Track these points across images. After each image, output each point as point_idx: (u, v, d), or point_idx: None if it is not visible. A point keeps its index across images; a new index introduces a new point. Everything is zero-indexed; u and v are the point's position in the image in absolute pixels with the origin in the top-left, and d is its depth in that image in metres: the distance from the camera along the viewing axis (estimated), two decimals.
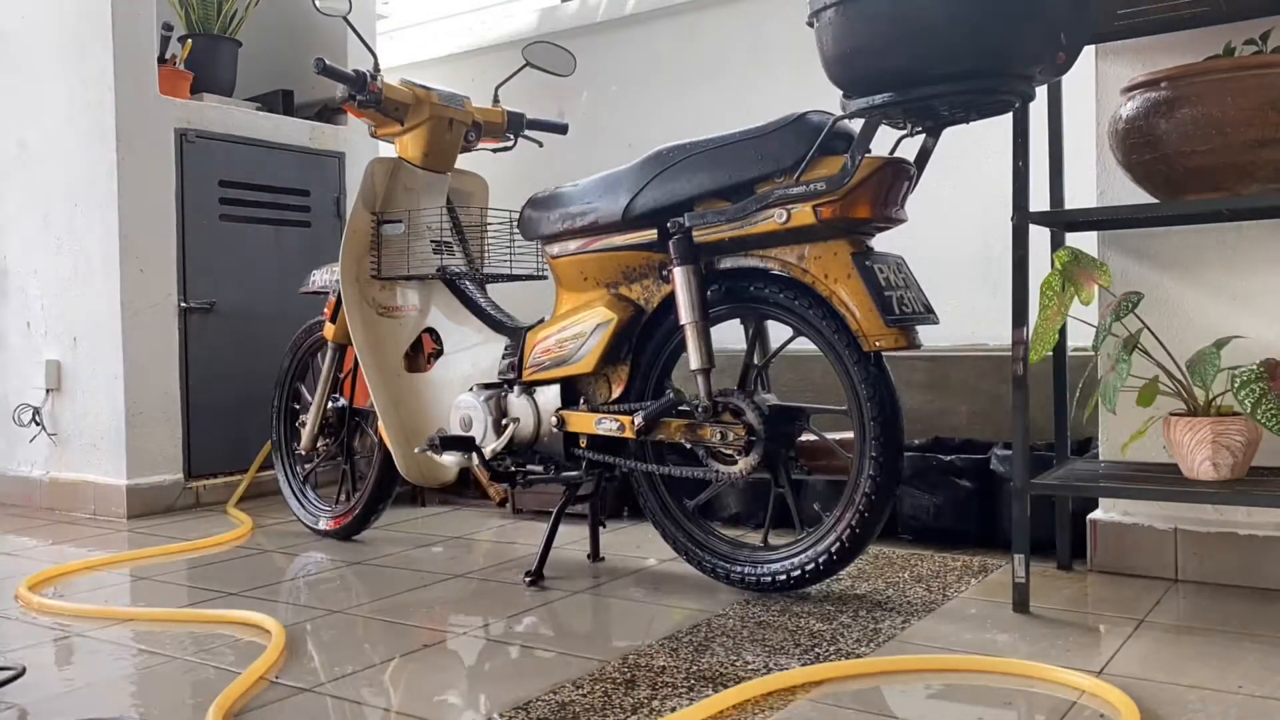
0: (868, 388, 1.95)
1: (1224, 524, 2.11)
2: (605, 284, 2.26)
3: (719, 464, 2.10)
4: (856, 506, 1.97)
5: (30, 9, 3.32)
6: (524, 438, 2.33)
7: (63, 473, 3.31)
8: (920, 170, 2.03)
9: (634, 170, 2.14)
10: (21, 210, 3.40)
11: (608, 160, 3.37)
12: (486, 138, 2.72)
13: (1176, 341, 2.05)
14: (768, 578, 2.07)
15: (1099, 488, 1.97)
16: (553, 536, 2.29)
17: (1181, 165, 1.88)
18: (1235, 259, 2.12)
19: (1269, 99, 1.80)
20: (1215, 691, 1.53)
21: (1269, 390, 1.81)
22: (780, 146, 1.94)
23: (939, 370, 2.75)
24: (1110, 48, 2.22)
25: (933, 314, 1.96)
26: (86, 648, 1.87)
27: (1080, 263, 1.92)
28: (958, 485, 2.45)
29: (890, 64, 1.77)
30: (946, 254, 2.82)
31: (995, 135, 2.70)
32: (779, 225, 1.94)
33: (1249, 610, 1.93)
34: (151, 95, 3.17)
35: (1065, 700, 1.51)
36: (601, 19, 3.45)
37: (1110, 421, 2.22)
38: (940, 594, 2.08)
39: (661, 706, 1.51)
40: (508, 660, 1.76)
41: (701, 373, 2.05)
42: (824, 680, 1.61)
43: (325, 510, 2.82)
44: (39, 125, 3.31)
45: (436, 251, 2.56)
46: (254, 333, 3.41)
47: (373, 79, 2.45)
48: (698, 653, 1.75)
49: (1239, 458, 1.86)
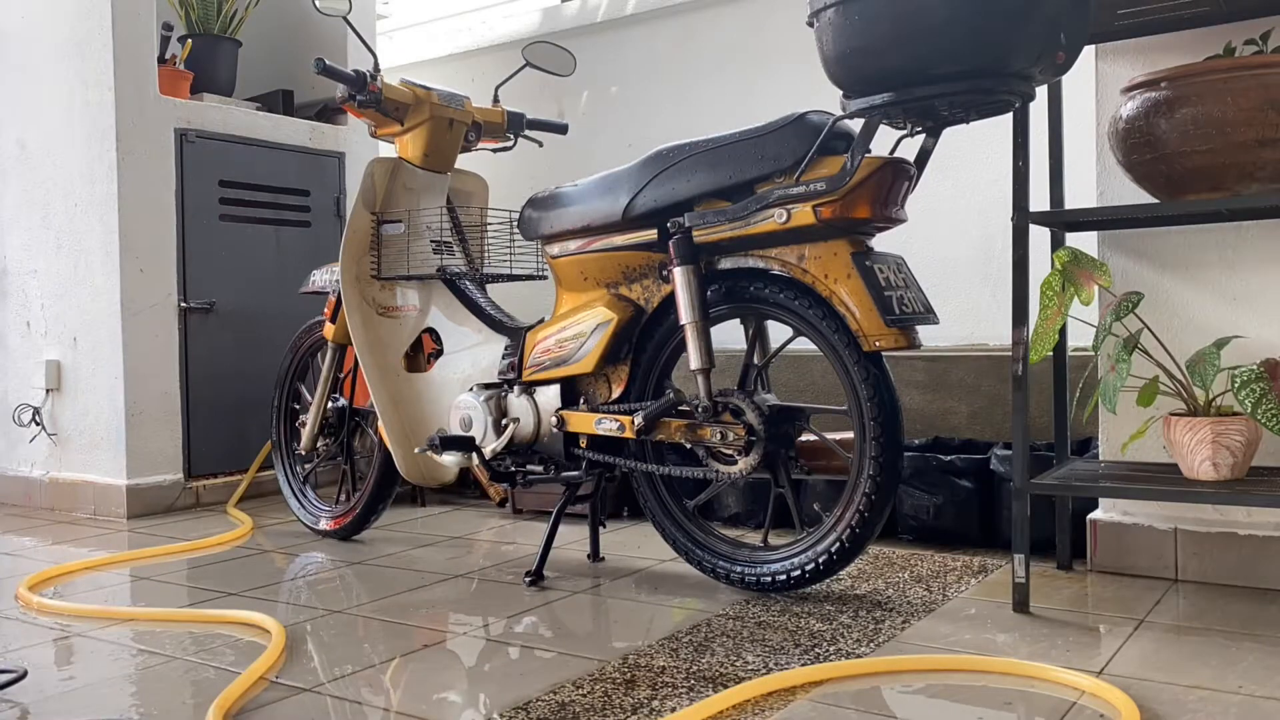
0: (868, 388, 1.95)
1: (1224, 524, 2.11)
2: (605, 284, 2.26)
3: (719, 464, 2.10)
4: (856, 506, 1.97)
5: (30, 9, 3.32)
6: (524, 438, 2.33)
7: (62, 473, 3.31)
8: (920, 170, 2.03)
9: (634, 170, 2.14)
10: (21, 210, 3.40)
11: (608, 160, 3.37)
12: (486, 138, 2.72)
13: (1176, 341, 2.05)
14: (768, 578, 2.07)
15: (1099, 488, 1.97)
16: (553, 536, 2.29)
17: (1181, 165, 1.88)
18: (1235, 259, 2.12)
19: (1269, 99, 1.80)
20: (1215, 692, 1.53)
21: (1269, 390, 1.81)
22: (780, 146, 1.94)
23: (939, 370, 2.75)
24: (1110, 48, 2.22)
25: (933, 314, 1.96)
26: (86, 648, 1.87)
27: (1080, 263, 1.92)
28: (958, 485, 2.45)
29: (890, 64, 1.77)
30: (946, 254, 2.82)
31: (995, 135, 2.70)
32: (779, 225, 1.94)
33: (1249, 610, 1.93)
34: (151, 95, 3.17)
35: (1065, 701, 1.51)
36: (602, 19, 3.45)
37: (1110, 421, 2.22)
38: (940, 594, 2.08)
39: (661, 706, 1.51)
40: (508, 660, 1.76)
41: (701, 373, 2.05)
42: (824, 680, 1.61)
43: (325, 510, 2.82)
44: (39, 125, 3.32)
45: (436, 251, 2.57)
46: (254, 333, 3.41)
47: (373, 79, 2.45)
48: (698, 653, 1.75)
49: (1239, 458, 1.86)
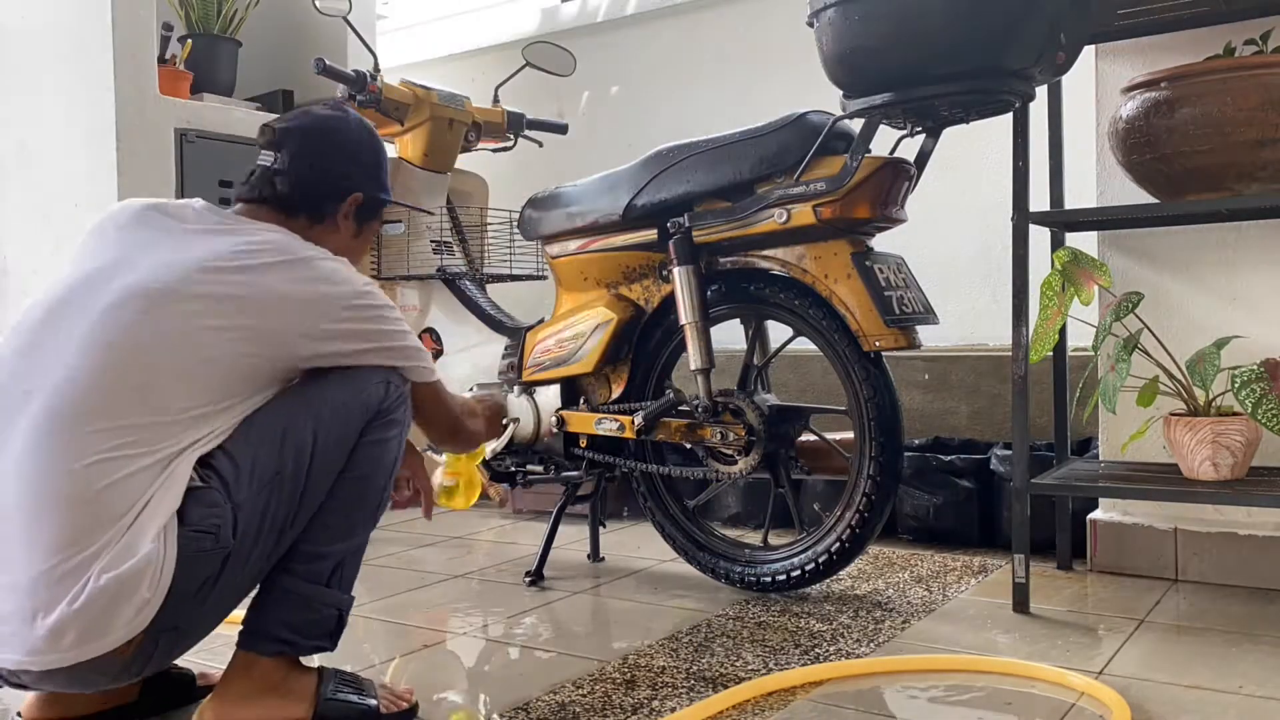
0: (868, 388, 1.95)
1: (1224, 524, 2.11)
2: (605, 284, 2.26)
3: (719, 464, 2.10)
4: (856, 506, 1.97)
5: (30, 9, 3.32)
6: (524, 438, 2.33)
7: None
8: (920, 170, 2.03)
9: (634, 170, 2.14)
10: (21, 210, 3.40)
11: (608, 160, 3.35)
12: (486, 138, 2.72)
13: (1176, 341, 2.05)
14: (768, 578, 2.07)
15: (1099, 488, 1.97)
16: (553, 536, 2.29)
17: (1181, 165, 1.88)
18: (1235, 259, 2.12)
19: (1269, 99, 1.80)
20: (1215, 692, 1.53)
21: (1269, 390, 1.81)
22: (780, 146, 1.94)
23: (939, 370, 2.75)
24: (1110, 48, 2.22)
25: (933, 314, 1.96)
26: None
27: (1080, 263, 1.92)
28: (958, 485, 2.45)
29: (890, 64, 1.77)
30: (946, 254, 2.82)
31: (995, 135, 2.70)
32: (779, 225, 1.94)
33: (1249, 610, 1.93)
34: (151, 95, 3.16)
35: (1065, 701, 1.51)
36: (602, 19, 3.45)
37: (1110, 421, 2.22)
38: (940, 594, 2.08)
39: (661, 707, 1.51)
40: (508, 660, 1.76)
41: (701, 373, 2.05)
42: (824, 680, 1.61)
43: None
44: (39, 125, 3.31)
45: (436, 251, 2.56)
46: None
47: (372, 79, 2.45)
48: (698, 653, 1.75)
49: (1239, 458, 1.86)
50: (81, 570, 1.23)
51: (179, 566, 1.27)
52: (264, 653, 1.42)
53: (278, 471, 1.35)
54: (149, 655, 1.30)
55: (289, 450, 1.36)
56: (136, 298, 1.33)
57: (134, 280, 1.35)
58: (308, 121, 1.57)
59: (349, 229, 1.58)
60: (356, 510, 1.45)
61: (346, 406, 1.41)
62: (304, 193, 1.52)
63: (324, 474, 1.40)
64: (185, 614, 1.31)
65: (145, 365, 1.30)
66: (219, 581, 1.32)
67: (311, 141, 1.55)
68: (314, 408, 1.39)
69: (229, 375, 1.35)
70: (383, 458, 1.46)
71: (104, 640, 1.24)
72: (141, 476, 1.27)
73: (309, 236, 1.49)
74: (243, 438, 1.36)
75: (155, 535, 1.26)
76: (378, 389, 1.44)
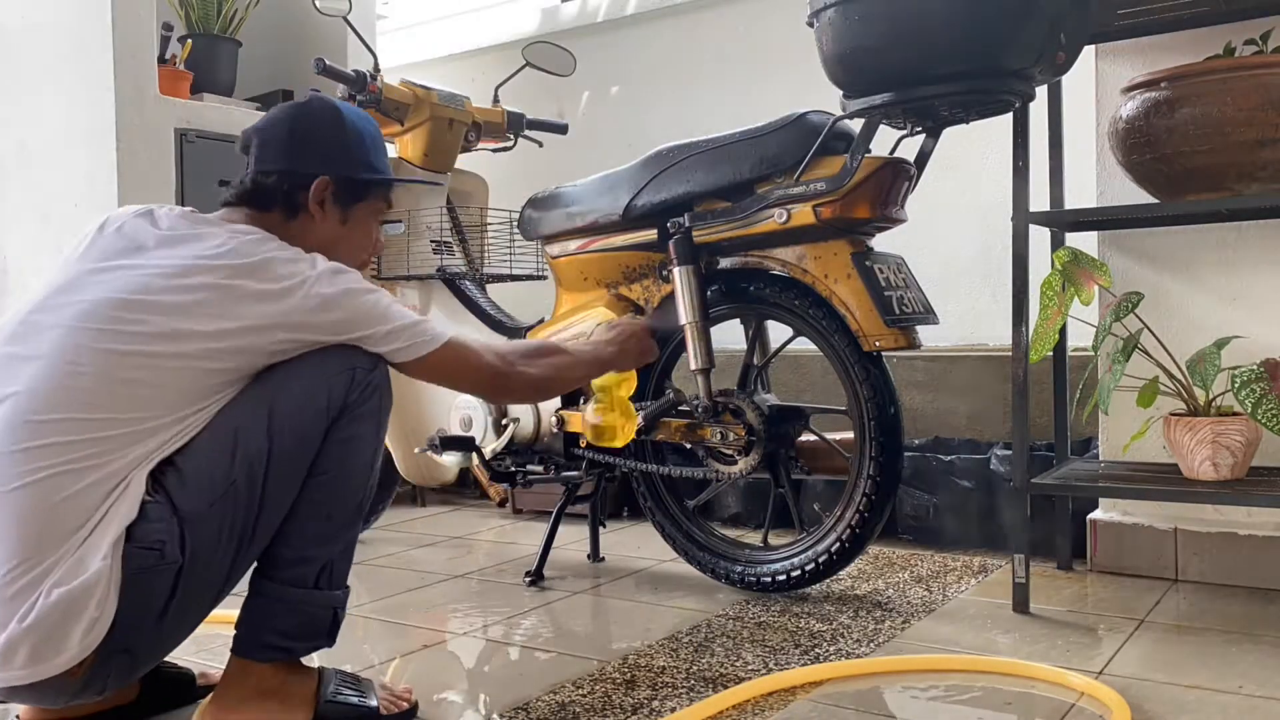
0: (868, 388, 1.94)
1: (1224, 524, 2.11)
2: (605, 284, 2.26)
3: (719, 464, 2.10)
4: (856, 506, 1.97)
5: (30, 9, 3.32)
6: (524, 438, 2.33)
7: None
8: (920, 170, 2.03)
9: (634, 170, 2.14)
10: (21, 210, 3.40)
11: (608, 160, 3.35)
12: (486, 138, 2.72)
13: (1176, 341, 2.05)
14: (768, 578, 2.07)
15: (1099, 488, 1.97)
16: (553, 536, 2.29)
17: (1181, 165, 1.88)
18: (1235, 259, 2.12)
19: (1269, 99, 1.80)
20: (1215, 692, 1.53)
21: (1269, 390, 1.81)
22: (780, 147, 1.94)
23: (939, 370, 2.75)
24: (1110, 48, 2.22)
25: (933, 314, 1.96)
26: None
27: (1080, 263, 1.92)
28: (958, 485, 2.45)
29: (890, 64, 1.77)
30: (947, 254, 2.81)
31: (995, 135, 2.70)
32: (779, 225, 1.94)
33: (1249, 610, 1.93)
34: (151, 95, 3.16)
35: (1065, 702, 1.51)
36: (602, 19, 3.45)
37: (1110, 421, 2.22)
38: (940, 594, 2.08)
39: (661, 707, 1.51)
40: (508, 660, 1.76)
41: (701, 373, 2.05)
42: (824, 680, 1.61)
43: None
44: (39, 125, 3.31)
45: (436, 251, 2.56)
46: None
47: (373, 79, 2.44)
48: (698, 653, 1.75)
49: (1239, 458, 1.86)
50: (33, 586, 1.20)
51: (126, 584, 1.23)
52: (259, 659, 1.41)
53: (231, 482, 1.31)
54: (105, 676, 1.27)
55: (240, 460, 1.31)
56: (95, 312, 1.30)
57: (99, 293, 1.32)
58: (270, 116, 1.57)
59: (331, 216, 1.52)
60: (336, 511, 1.40)
61: (303, 409, 1.35)
62: (271, 186, 1.49)
63: (284, 480, 1.35)
64: (140, 632, 1.27)
65: (99, 377, 1.27)
66: (175, 597, 1.28)
67: (272, 134, 1.53)
68: (269, 411, 1.33)
69: (185, 385, 1.31)
70: (352, 457, 1.39)
71: (56, 660, 1.21)
72: (95, 490, 1.24)
73: (287, 232, 1.45)
74: (193, 449, 1.31)
75: (107, 552, 1.22)
76: (339, 381, 1.36)
